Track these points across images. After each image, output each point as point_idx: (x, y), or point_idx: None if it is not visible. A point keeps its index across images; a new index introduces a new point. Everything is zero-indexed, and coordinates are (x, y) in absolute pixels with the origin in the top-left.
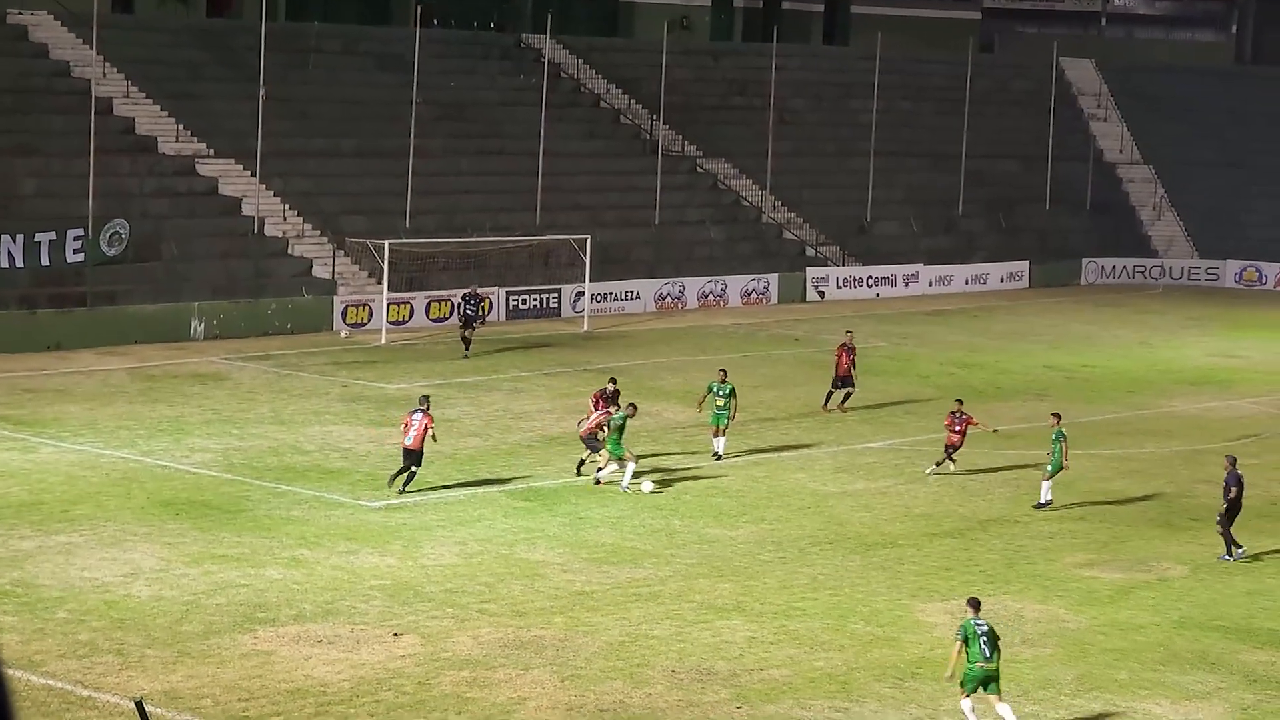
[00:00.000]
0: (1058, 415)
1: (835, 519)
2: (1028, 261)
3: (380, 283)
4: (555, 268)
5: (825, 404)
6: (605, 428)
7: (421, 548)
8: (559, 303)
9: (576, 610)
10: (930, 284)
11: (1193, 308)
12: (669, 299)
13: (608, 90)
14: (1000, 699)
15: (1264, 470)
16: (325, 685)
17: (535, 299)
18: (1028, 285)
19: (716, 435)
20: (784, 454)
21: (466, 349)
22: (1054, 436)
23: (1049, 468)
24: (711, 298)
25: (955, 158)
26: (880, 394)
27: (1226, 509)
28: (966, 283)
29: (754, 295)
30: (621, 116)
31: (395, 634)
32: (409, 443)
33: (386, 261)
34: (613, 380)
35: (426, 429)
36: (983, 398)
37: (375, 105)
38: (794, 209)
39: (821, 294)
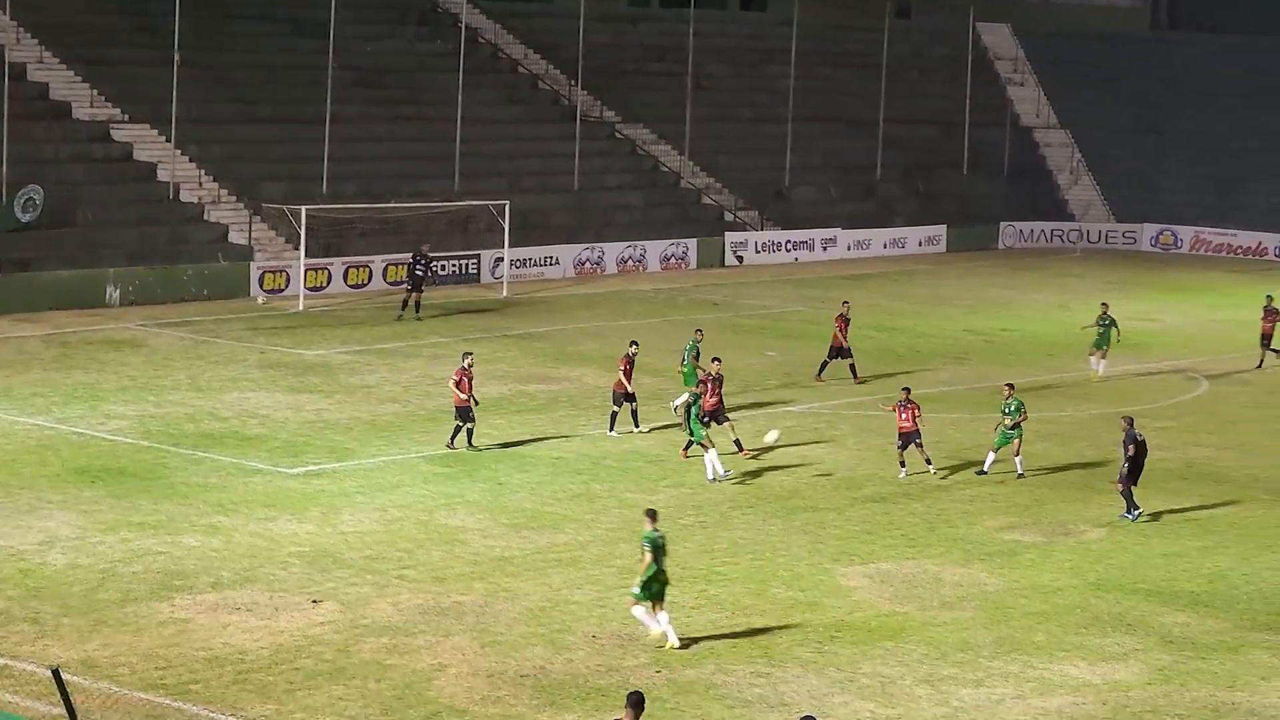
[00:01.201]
0: (1011, 385)
1: (756, 483)
2: (945, 226)
3: (298, 249)
4: (474, 233)
5: (819, 374)
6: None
7: (341, 514)
8: (478, 268)
9: (497, 576)
10: (848, 249)
11: (1110, 271)
12: (588, 264)
13: (525, 55)
14: (663, 608)
15: (1180, 433)
16: (244, 653)
17: (454, 265)
18: (945, 250)
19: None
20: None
21: (417, 310)
22: (1006, 409)
23: (999, 439)
24: (631, 263)
25: (873, 123)
26: (799, 358)
27: (1128, 469)
28: (884, 247)
29: (673, 260)
30: (540, 82)
31: (314, 601)
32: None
33: (304, 227)
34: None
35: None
36: (902, 362)
37: (292, 71)
38: (713, 174)
39: (740, 259)
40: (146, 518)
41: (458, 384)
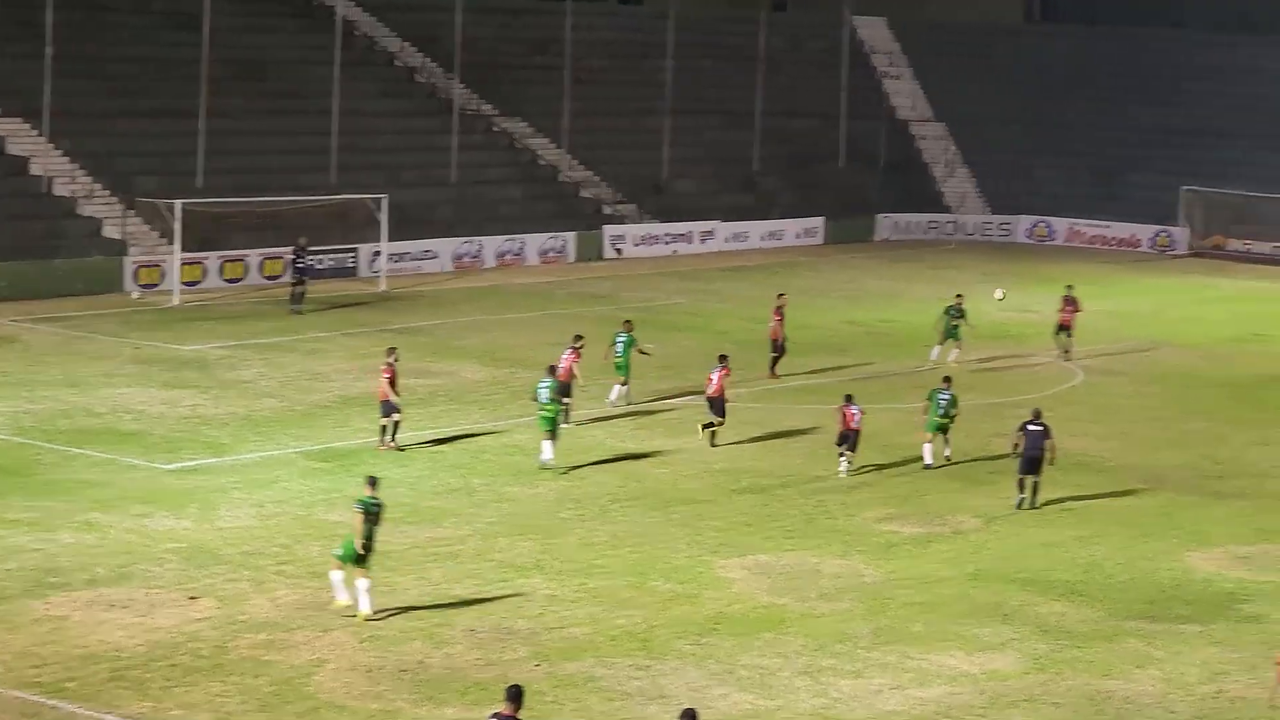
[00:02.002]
0: (948, 379)
1: (635, 476)
2: (823, 218)
3: (173, 243)
4: (352, 227)
5: (772, 370)
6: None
7: (217, 510)
8: (356, 262)
9: (375, 570)
10: (727, 241)
11: (986, 263)
12: (467, 258)
13: (403, 48)
14: (365, 574)
15: (1057, 424)
16: (120, 650)
17: (332, 259)
18: (823, 241)
19: (616, 385)
20: (583, 412)
21: (298, 303)
22: (938, 400)
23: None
24: (510, 256)
25: (751, 116)
26: (680, 350)
27: (1024, 459)
28: (763, 239)
29: (552, 254)
30: (417, 75)
31: (191, 597)
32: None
33: (179, 222)
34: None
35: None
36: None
37: (167, 64)
38: (591, 167)
39: (619, 252)
40: (20, 515)
41: (391, 381)
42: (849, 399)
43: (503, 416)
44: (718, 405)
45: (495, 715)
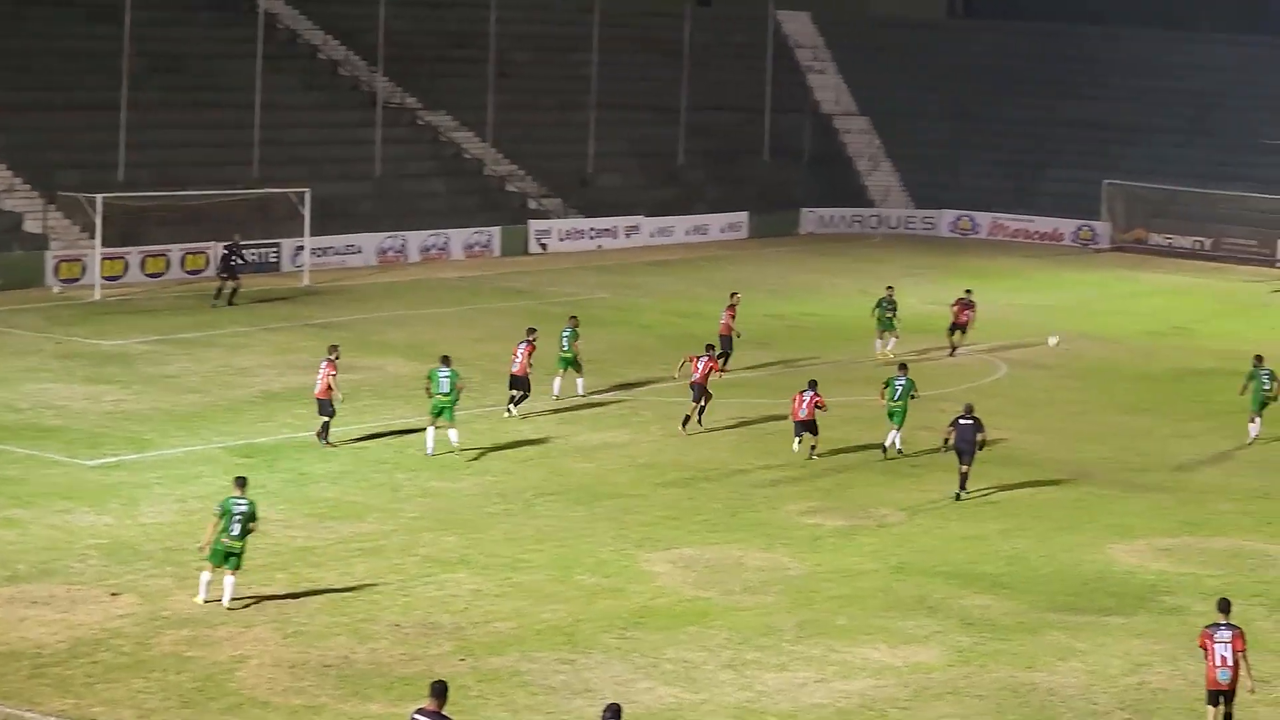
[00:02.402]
0: (904, 366)
1: (560, 470)
2: (747, 212)
3: (94, 238)
4: (274, 221)
5: (724, 366)
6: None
7: (140, 506)
8: (279, 257)
9: (299, 566)
10: (652, 235)
11: (910, 257)
12: (391, 252)
13: (325, 41)
14: (233, 574)
15: (980, 417)
16: (41, 647)
17: (254, 253)
18: (747, 235)
19: (557, 378)
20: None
21: (231, 299)
22: (893, 388)
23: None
24: (434, 251)
25: (675, 110)
26: (604, 344)
27: (956, 451)
28: (687, 233)
29: (476, 248)
30: (340, 68)
31: (113, 593)
32: (317, 391)
33: (100, 216)
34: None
35: (329, 379)
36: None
37: (87, 57)
38: (516, 161)
39: (544, 246)
40: None
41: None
42: (811, 385)
43: (426, 411)
44: (697, 390)
45: (420, 711)
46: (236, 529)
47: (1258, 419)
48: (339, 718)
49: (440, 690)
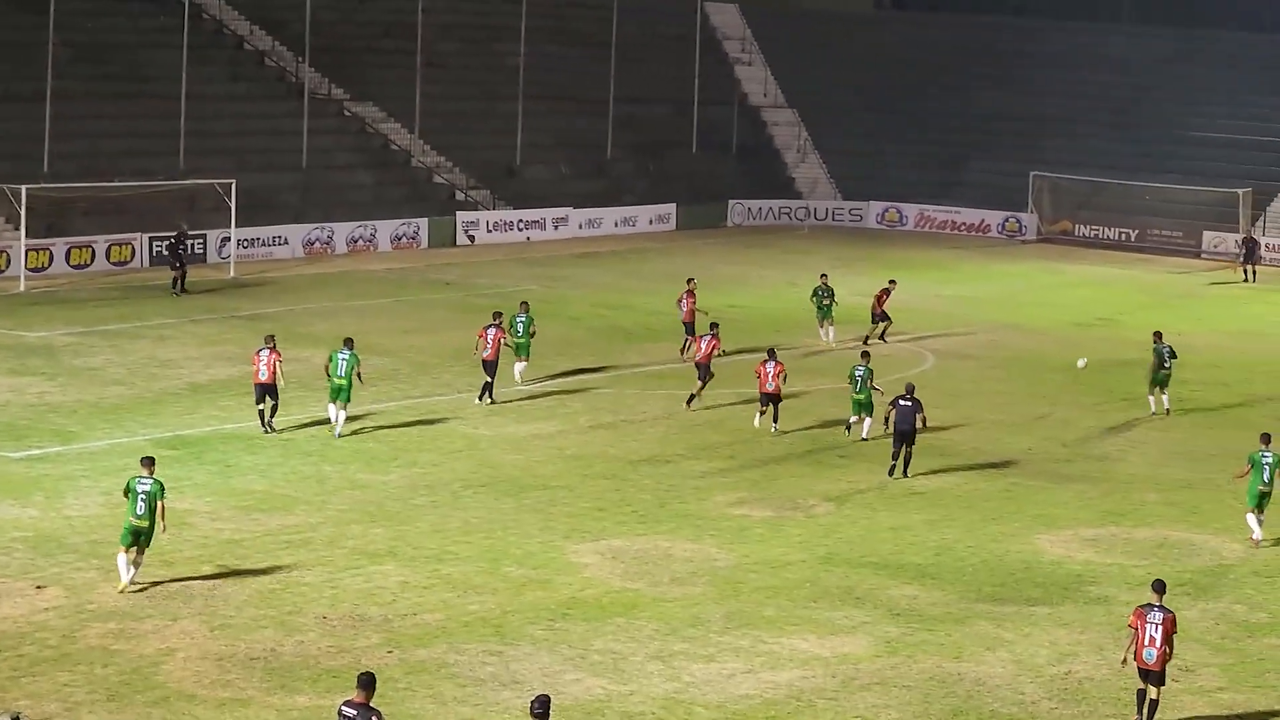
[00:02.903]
0: (866, 354)
1: (488, 462)
2: (675, 204)
3: (18, 229)
4: (200, 213)
5: (682, 351)
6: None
7: (65, 498)
8: (204, 248)
9: (226, 559)
10: (580, 227)
11: (837, 248)
12: (318, 244)
13: (251, 32)
14: (140, 554)
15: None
16: None
17: (181, 245)
18: (675, 228)
19: (518, 363)
20: (436, 398)
21: (178, 287)
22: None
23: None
24: (361, 242)
25: (603, 102)
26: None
27: (896, 432)
28: (616, 226)
29: (404, 240)
30: (266, 59)
31: (38, 586)
32: (263, 378)
33: (24, 207)
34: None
35: (276, 365)
36: (633, 339)
37: (10, 47)
38: (443, 153)
39: (472, 238)
40: None
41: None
42: (770, 354)
43: (354, 404)
44: (702, 369)
45: (347, 703)
46: (142, 508)
47: (1159, 393)
48: (266, 710)
49: (368, 682)
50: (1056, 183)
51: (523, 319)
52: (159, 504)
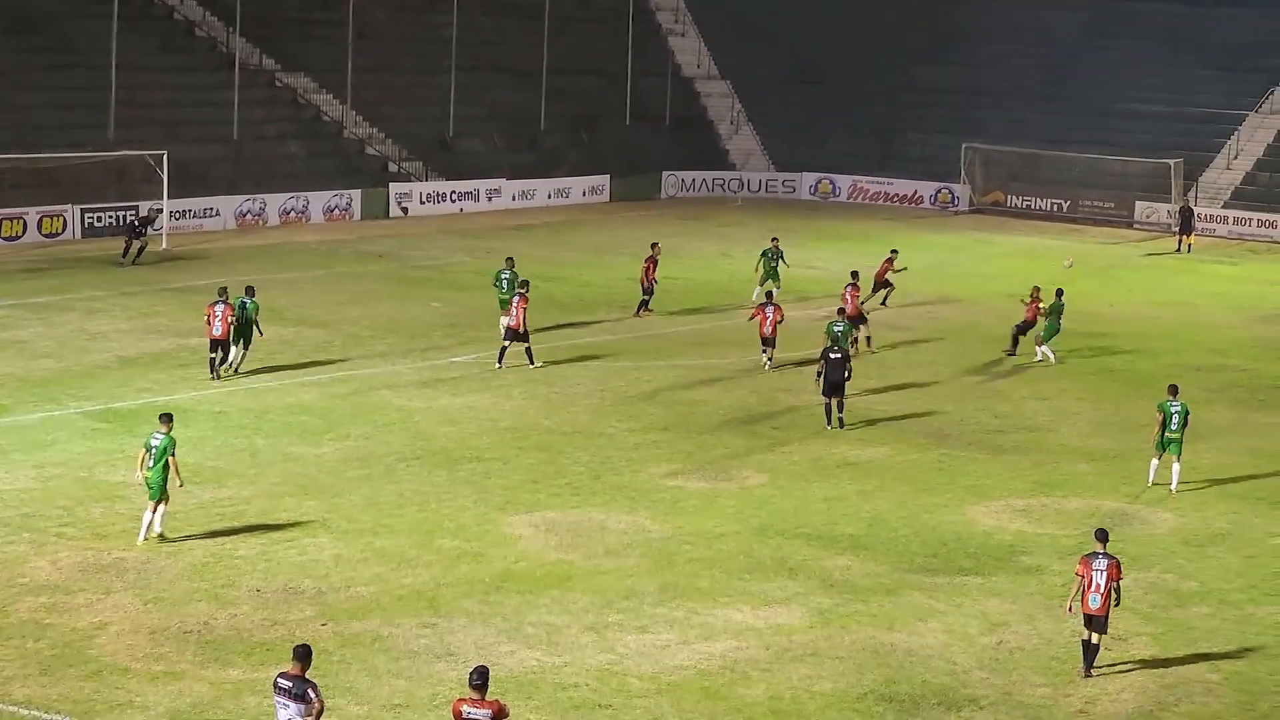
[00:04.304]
0: (842, 310)
1: (421, 434)
2: (609, 176)
3: None
4: (131, 184)
5: (637, 311)
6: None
7: None
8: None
9: (171, 538)
10: (513, 199)
11: (771, 220)
12: (250, 216)
13: (182, 2)
14: (155, 506)
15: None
16: None
17: (111, 216)
18: (609, 199)
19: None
20: (368, 371)
21: (138, 256)
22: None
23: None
24: (294, 214)
25: (537, 73)
26: (465, 308)
27: (827, 383)
28: (549, 197)
29: (336, 211)
30: (197, 29)
31: None
32: (216, 333)
33: None
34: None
35: (228, 318)
36: (567, 311)
37: None
38: (376, 124)
39: (405, 210)
40: None
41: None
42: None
43: (287, 376)
44: (769, 340)
45: (282, 675)
46: (151, 461)
47: (1045, 347)
48: (199, 683)
49: (304, 654)
50: (989, 154)
51: (507, 275)
52: (169, 459)
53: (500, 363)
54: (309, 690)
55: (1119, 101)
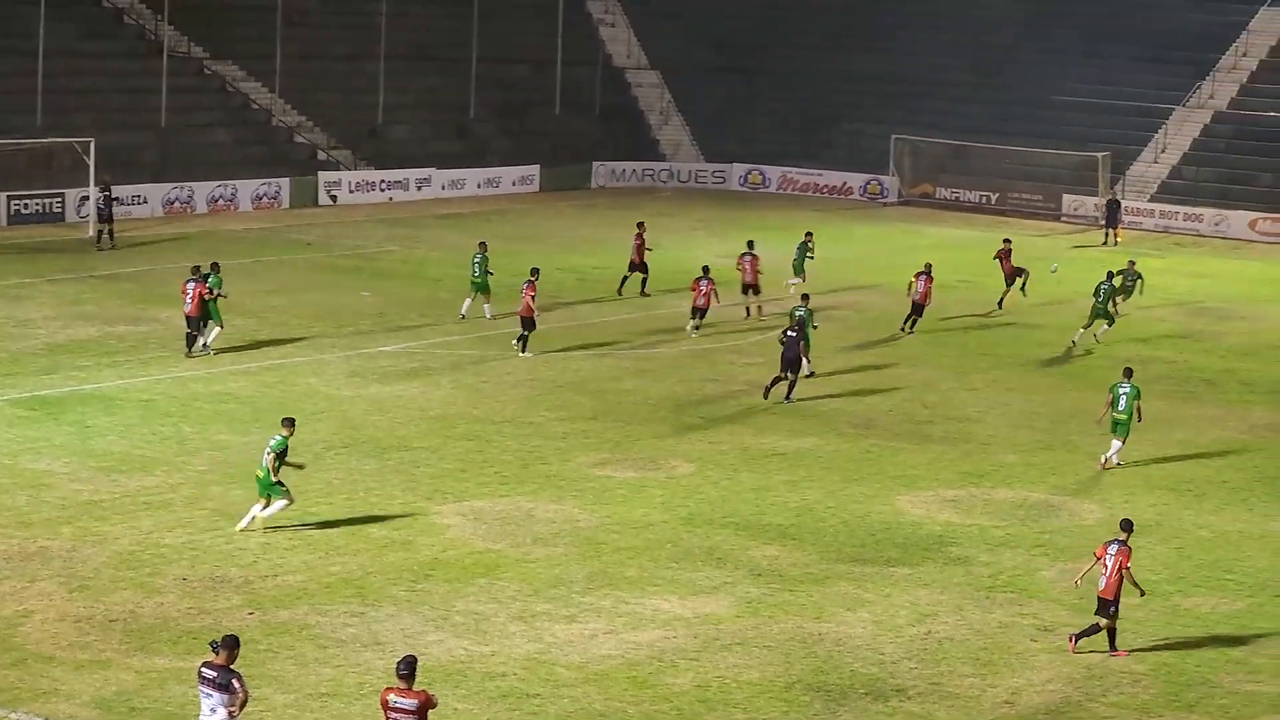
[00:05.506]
0: (805, 296)
1: (350, 423)
2: (539, 165)
3: None
4: (58, 171)
5: (625, 289)
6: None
7: None
8: (63, 207)
9: (85, 520)
10: (443, 188)
11: (701, 210)
12: (178, 203)
13: None
14: (261, 502)
15: (766, 369)
16: None
17: (38, 203)
18: (539, 189)
19: (467, 299)
20: (296, 359)
21: (109, 239)
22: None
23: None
24: (222, 202)
25: (466, 62)
26: (393, 297)
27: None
28: (479, 187)
29: (265, 200)
30: (125, 16)
31: None
32: (187, 309)
33: None
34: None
35: (201, 294)
36: (496, 300)
37: None
38: (305, 112)
39: (334, 199)
40: None
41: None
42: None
43: (215, 364)
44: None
45: (206, 664)
46: (265, 459)
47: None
48: (125, 672)
49: (231, 644)
50: (918, 145)
51: (479, 259)
52: (269, 455)
53: (520, 347)
54: (233, 680)
55: (1049, 93)
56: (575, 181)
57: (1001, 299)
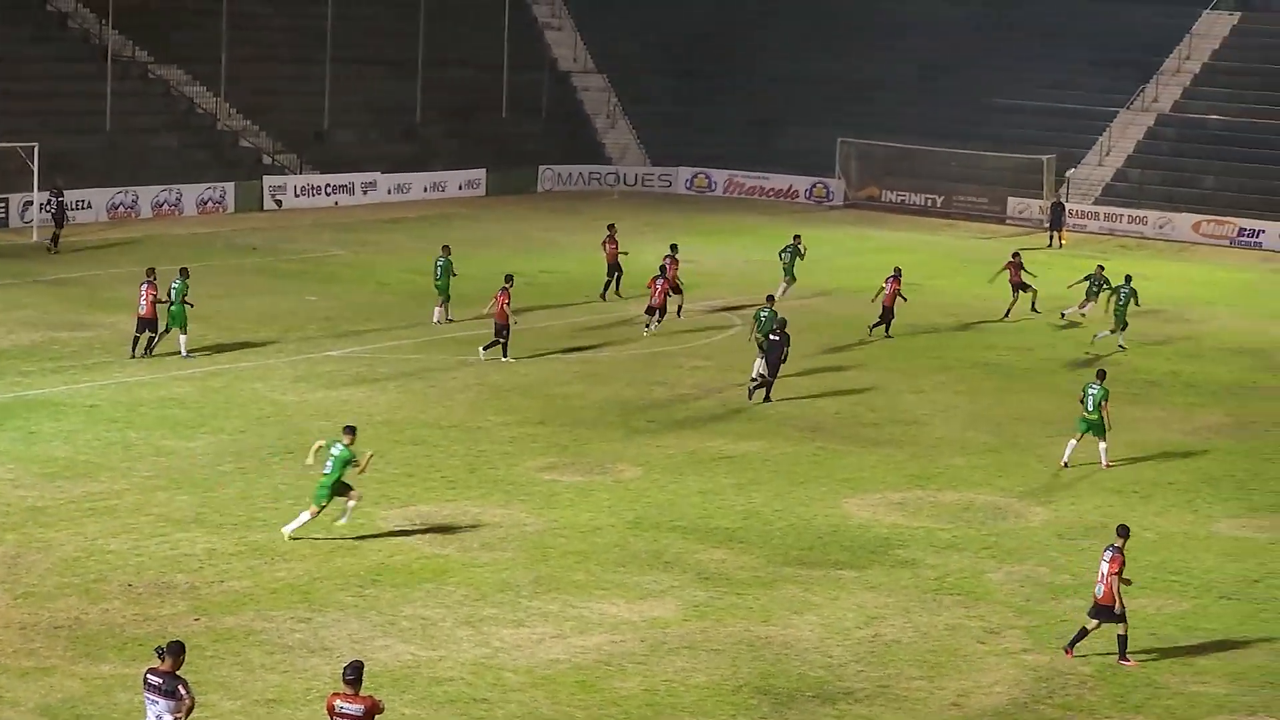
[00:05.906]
0: (771, 297)
1: (295, 428)
2: (485, 169)
3: None
4: (2, 176)
5: (603, 294)
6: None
7: None
8: (7, 213)
9: (29, 526)
10: (389, 192)
11: (647, 213)
12: (122, 208)
13: None
14: (312, 508)
15: (714, 373)
16: None
17: None
18: (485, 193)
19: (437, 307)
20: (242, 364)
21: (55, 245)
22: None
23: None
24: (167, 207)
25: (412, 65)
26: (339, 302)
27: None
28: (425, 190)
29: (210, 204)
30: (69, 21)
31: None
32: (141, 311)
33: None
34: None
35: (154, 298)
36: (454, 305)
37: None
38: (250, 116)
39: (279, 203)
40: None
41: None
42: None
43: (160, 369)
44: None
45: (151, 671)
46: (327, 467)
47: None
48: (70, 679)
49: (177, 650)
50: (864, 148)
51: (442, 262)
52: (343, 468)
53: (500, 352)
54: (179, 687)
55: (994, 96)
56: (522, 185)
57: (1008, 310)
